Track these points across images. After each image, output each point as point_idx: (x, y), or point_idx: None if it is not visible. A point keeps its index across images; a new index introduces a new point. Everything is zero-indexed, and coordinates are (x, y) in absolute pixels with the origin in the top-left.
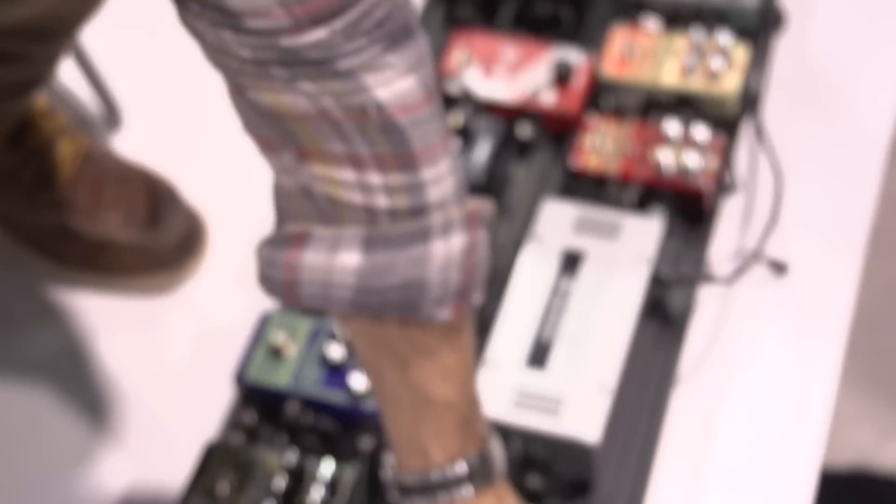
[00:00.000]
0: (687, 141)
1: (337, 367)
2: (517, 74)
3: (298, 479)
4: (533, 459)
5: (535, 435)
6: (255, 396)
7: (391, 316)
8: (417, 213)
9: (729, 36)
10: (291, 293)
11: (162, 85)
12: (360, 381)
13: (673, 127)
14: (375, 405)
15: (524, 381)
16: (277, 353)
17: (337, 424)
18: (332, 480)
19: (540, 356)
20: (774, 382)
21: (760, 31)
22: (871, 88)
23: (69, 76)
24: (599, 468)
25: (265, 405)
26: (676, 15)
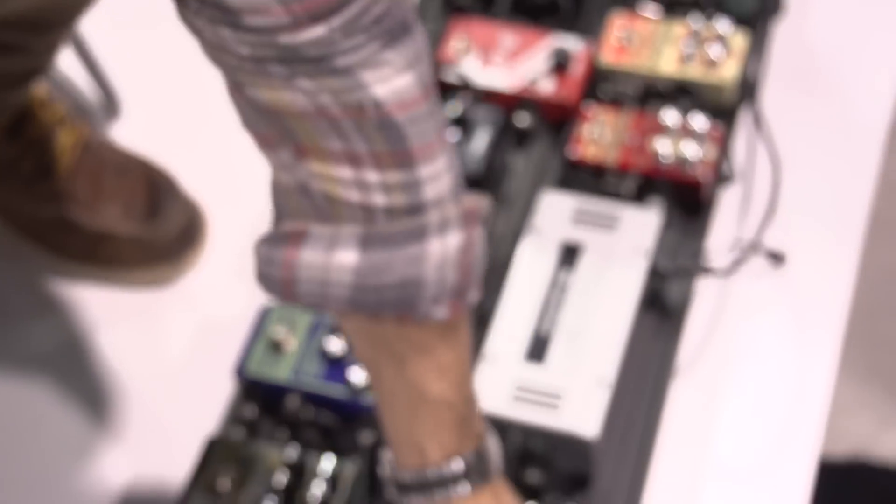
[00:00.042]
0: (685, 130)
1: (337, 360)
2: (515, 62)
3: (299, 474)
4: (532, 454)
5: (534, 429)
6: (255, 390)
7: (388, 314)
8: (414, 210)
9: (727, 23)
10: (289, 291)
11: (161, 74)
12: (359, 374)
13: (671, 116)
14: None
15: (523, 375)
16: (277, 346)
17: (337, 418)
18: (332, 476)
19: (539, 350)
20: (773, 373)
21: (759, 17)
22: (869, 75)
23: (67, 65)
24: (598, 462)
25: (265, 399)
26: (675, 1)
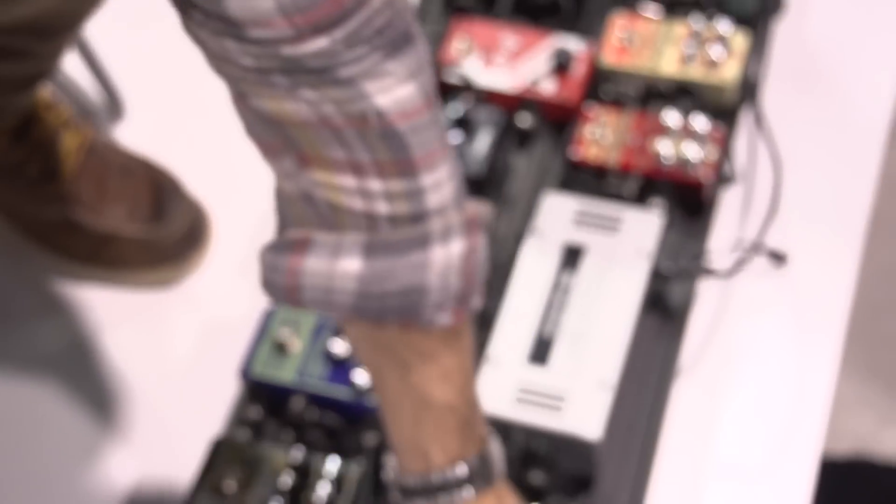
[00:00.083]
0: (686, 131)
1: (341, 362)
2: (517, 63)
3: (304, 475)
4: (535, 455)
5: (537, 431)
6: (260, 392)
7: (392, 320)
8: (417, 219)
9: (728, 23)
10: (294, 298)
11: (164, 75)
12: (363, 376)
13: (672, 117)
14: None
15: (526, 377)
16: (282, 348)
17: (341, 419)
18: (337, 477)
19: (541, 352)
20: (774, 372)
21: (760, 17)
22: (870, 74)
23: (72, 66)
24: (601, 463)
25: (270, 400)
26: (675, 1)
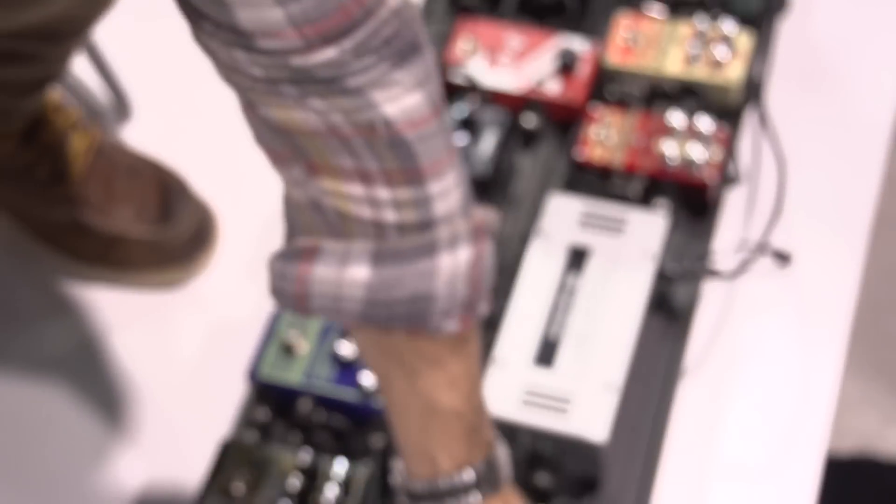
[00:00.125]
0: (691, 132)
1: (348, 364)
2: (522, 63)
3: (312, 477)
4: (541, 457)
5: (543, 433)
6: (267, 393)
7: (399, 327)
8: (425, 227)
9: (732, 23)
10: (302, 305)
11: (172, 76)
12: (371, 378)
13: (677, 118)
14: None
15: (532, 379)
16: (289, 350)
17: (349, 421)
18: (345, 479)
19: (547, 354)
20: (779, 372)
21: (764, 17)
22: (874, 72)
23: (79, 67)
24: (607, 465)
25: (278, 402)
26: (680, 1)
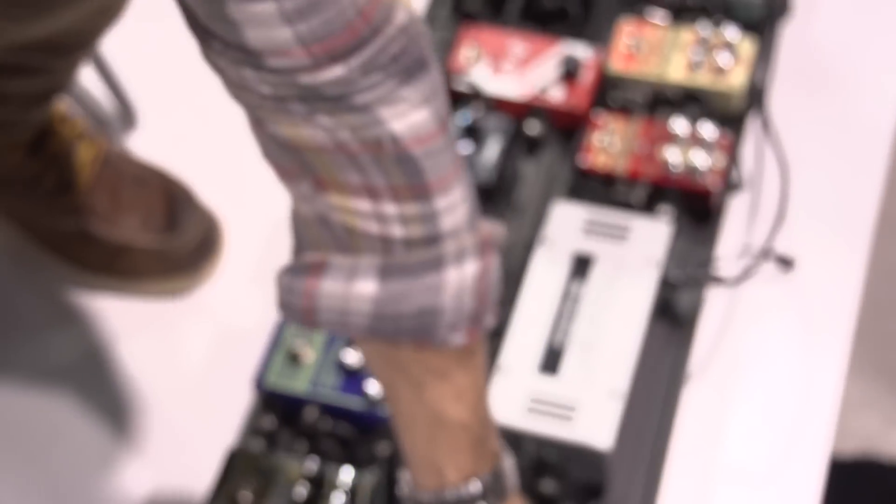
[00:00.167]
0: (694, 139)
1: (354, 372)
2: (525, 70)
3: (319, 486)
4: (546, 464)
5: (548, 441)
6: (273, 402)
7: (406, 340)
8: (431, 241)
9: (735, 30)
10: (310, 319)
11: (177, 85)
12: (376, 386)
13: (680, 125)
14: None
15: (537, 387)
16: (295, 358)
17: (354, 429)
18: (352, 487)
19: (552, 362)
20: (783, 376)
21: (767, 23)
22: (876, 76)
23: (85, 77)
24: (612, 472)
25: (284, 411)
26: (682, 7)
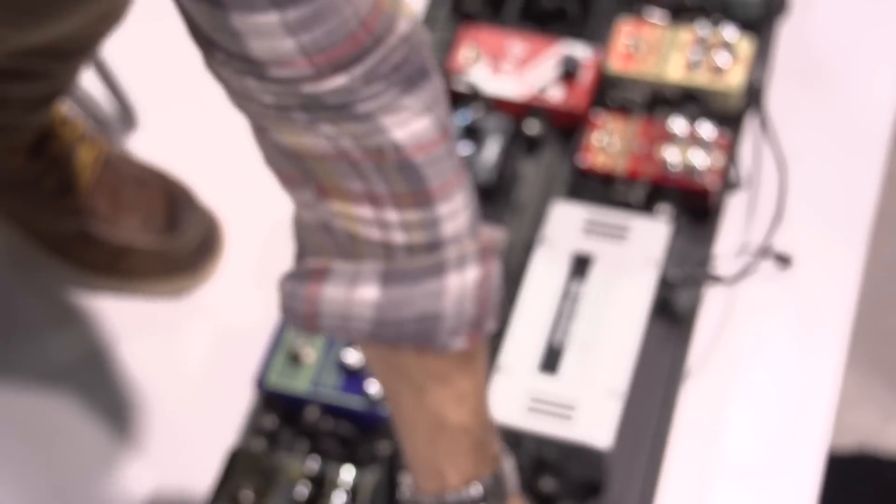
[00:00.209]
0: (693, 138)
1: (355, 372)
2: (525, 70)
3: (320, 485)
4: (546, 462)
5: (548, 440)
6: (275, 402)
7: (407, 345)
8: (433, 247)
9: (733, 29)
10: (312, 325)
11: (177, 86)
12: (377, 386)
13: (679, 125)
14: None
15: (537, 386)
16: (296, 358)
17: (355, 429)
18: (353, 486)
19: (552, 361)
20: (780, 373)
21: (764, 22)
22: (874, 74)
23: (85, 79)
24: (611, 470)
25: (285, 410)
26: (681, 7)
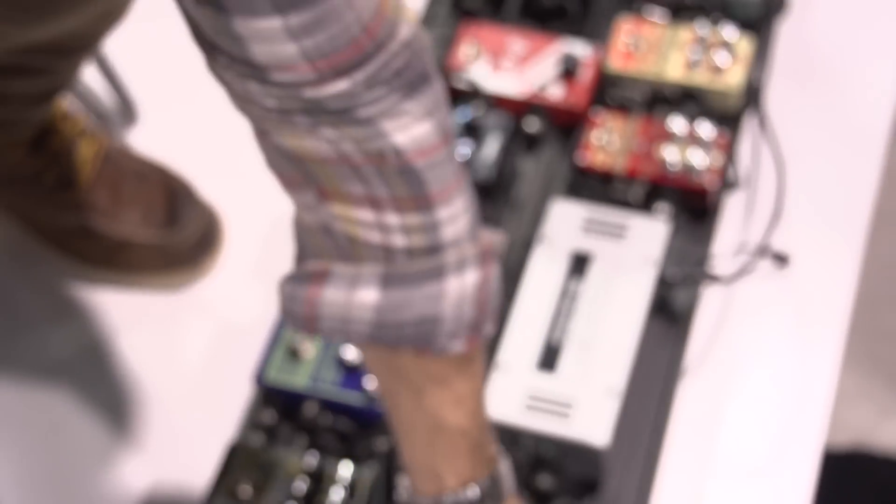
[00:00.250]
0: (692, 138)
1: (353, 368)
2: (525, 68)
3: (318, 480)
4: (543, 460)
5: (545, 437)
6: (273, 397)
7: (407, 347)
8: (433, 251)
9: (733, 29)
10: (312, 327)
11: (178, 80)
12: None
13: (678, 124)
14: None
15: (535, 384)
16: (295, 354)
17: (354, 424)
18: (351, 482)
19: (550, 359)
20: (777, 372)
21: (764, 21)
22: (872, 73)
23: (86, 73)
24: (608, 467)
25: (284, 406)
26: (681, 5)
